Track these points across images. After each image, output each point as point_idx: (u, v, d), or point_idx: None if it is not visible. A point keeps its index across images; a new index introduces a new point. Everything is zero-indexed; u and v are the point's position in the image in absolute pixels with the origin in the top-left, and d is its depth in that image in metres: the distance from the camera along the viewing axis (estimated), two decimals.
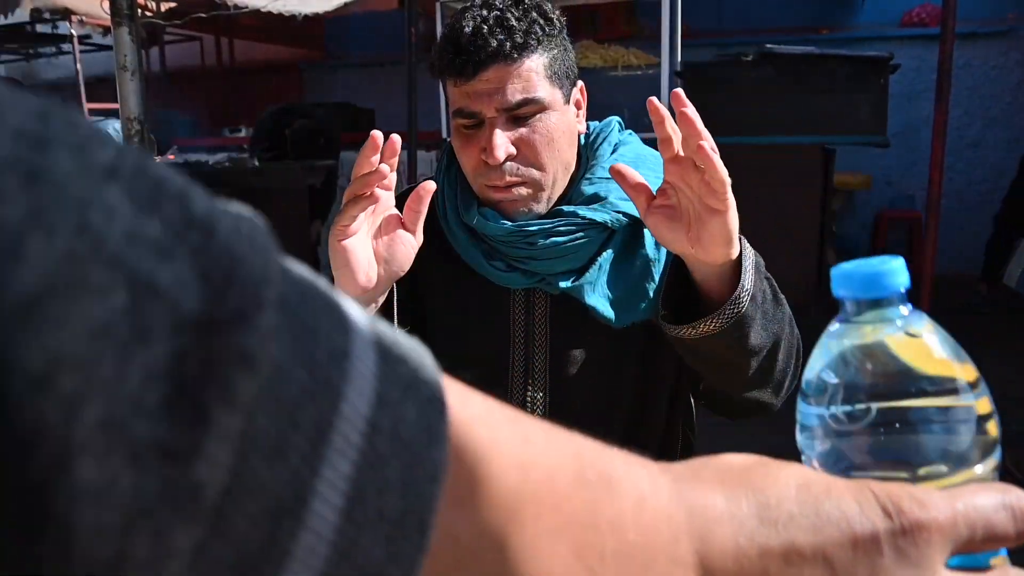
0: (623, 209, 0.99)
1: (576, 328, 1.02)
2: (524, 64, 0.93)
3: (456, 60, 0.93)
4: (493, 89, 0.93)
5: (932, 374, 0.39)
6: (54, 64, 8.25)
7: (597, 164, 1.04)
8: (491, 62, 0.92)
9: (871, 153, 5.59)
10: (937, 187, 3.08)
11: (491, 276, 1.02)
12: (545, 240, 0.98)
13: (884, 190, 5.86)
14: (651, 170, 1.03)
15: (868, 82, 3.37)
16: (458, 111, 0.96)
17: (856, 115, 3.41)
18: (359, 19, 6.98)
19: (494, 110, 0.94)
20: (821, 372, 0.42)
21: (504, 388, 1.04)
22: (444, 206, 1.06)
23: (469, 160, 0.99)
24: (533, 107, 0.95)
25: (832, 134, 3.46)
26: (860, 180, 5.54)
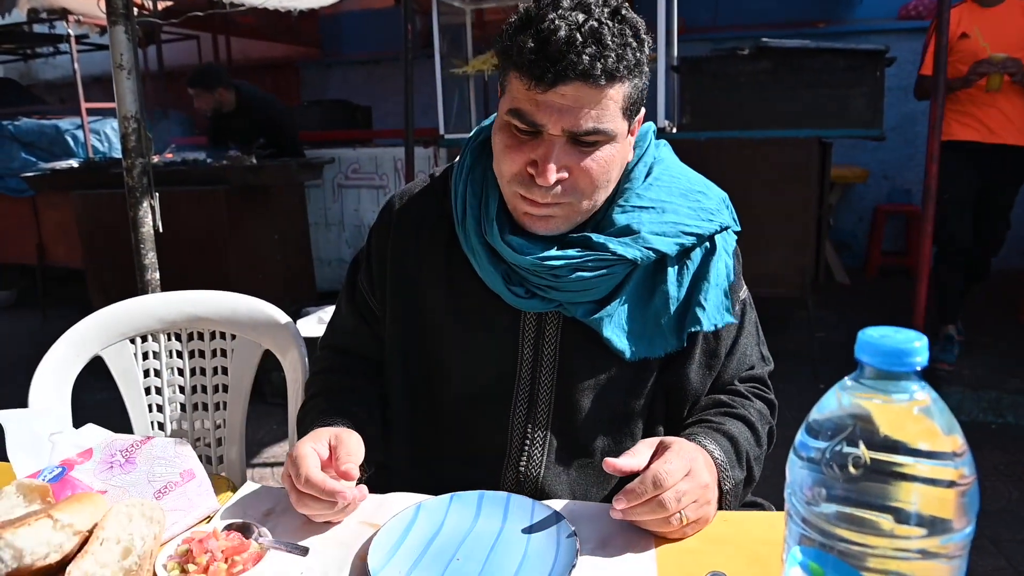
0: (654, 245, 0.95)
1: (587, 355, 1.00)
2: (608, 91, 0.86)
3: (538, 62, 0.83)
4: (567, 107, 0.85)
5: (924, 441, 0.43)
6: (52, 64, 8.25)
7: (631, 190, 0.99)
8: (576, 79, 0.83)
9: (868, 147, 5.61)
10: (933, 180, 3.08)
11: (509, 300, 0.98)
12: (570, 274, 0.94)
13: (881, 184, 5.86)
14: (684, 196, 1.00)
15: (864, 75, 3.37)
16: (518, 112, 0.88)
17: (852, 108, 3.42)
18: (355, 16, 6.98)
19: (560, 129, 0.87)
20: (831, 415, 0.45)
21: (508, 406, 1.02)
22: (465, 213, 0.99)
23: (512, 166, 0.91)
24: (600, 137, 0.88)
25: (828, 127, 3.46)
26: (857, 174, 5.54)
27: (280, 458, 2.93)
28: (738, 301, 1.05)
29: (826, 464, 0.44)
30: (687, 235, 0.97)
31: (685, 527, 0.84)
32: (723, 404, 1.02)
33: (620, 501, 0.82)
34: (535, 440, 1.01)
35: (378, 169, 5.00)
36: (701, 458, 0.88)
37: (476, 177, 1.01)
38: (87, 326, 1.36)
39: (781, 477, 1.20)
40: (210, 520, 0.90)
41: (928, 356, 0.43)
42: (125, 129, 2.12)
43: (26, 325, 5.16)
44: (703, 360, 1.03)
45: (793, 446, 0.48)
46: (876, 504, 0.43)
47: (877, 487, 0.42)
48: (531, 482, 1.01)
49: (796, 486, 0.47)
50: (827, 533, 0.45)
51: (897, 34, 5.56)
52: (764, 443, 1.02)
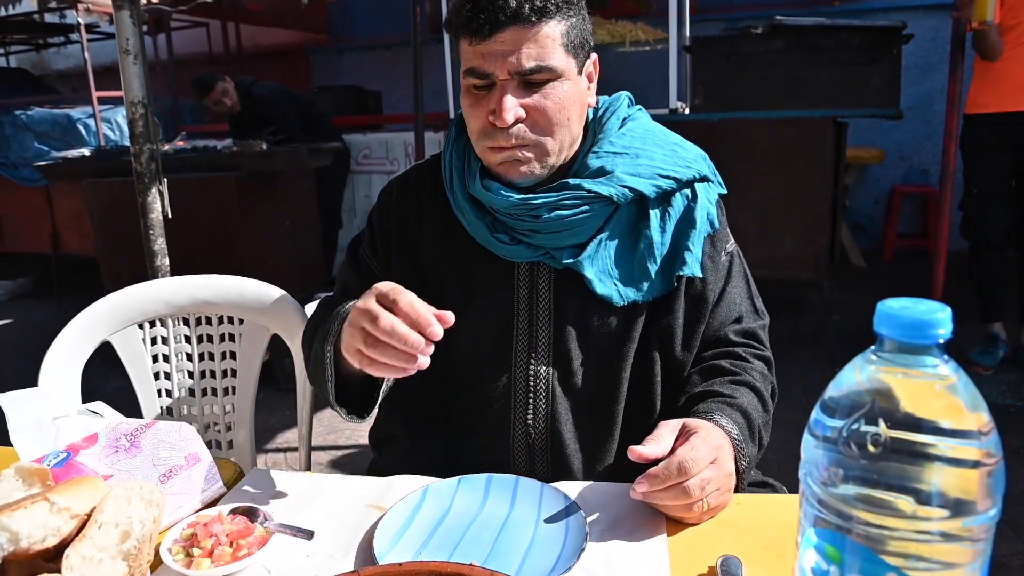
0: (629, 184, 0.99)
1: (579, 304, 1.02)
2: (542, 29, 0.92)
3: (473, 18, 0.92)
4: (508, 51, 0.92)
5: (948, 419, 0.41)
6: (64, 54, 8.28)
7: (604, 138, 1.04)
8: (509, 23, 0.91)
9: (884, 127, 5.51)
10: (951, 159, 3.02)
11: (495, 248, 1.02)
12: (549, 213, 0.97)
13: (897, 164, 5.77)
14: (659, 147, 1.04)
15: (881, 53, 3.30)
16: (470, 70, 0.95)
17: (869, 87, 3.35)
18: (364, 1, 6.94)
19: (507, 72, 0.93)
20: (849, 392, 0.43)
21: (508, 362, 1.04)
22: (451, 177, 1.05)
23: (477, 121, 0.98)
24: (546, 74, 0.94)
25: (844, 107, 3.40)
26: (873, 155, 5.45)
27: (293, 443, 2.95)
28: (724, 251, 1.07)
29: (843, 443, 0.42)
30: (664, 178, 1.01)
31: (703, 513, 0.83)
32: (726, 371, 1.02)
33: (642, 484, 0.81)
34: (539, 392, 1.03)
35: (389, 154, 4.98)
36: (727, 445, 0.88)
37: (460, 145, 1.07)
38: (95, 312, 1.36)
39: (790, 457, 1.18)
40: (215, 504, 0.90)
41: (951, 330, 0.40)
42: (132, 115, 2.11)
43: (41, 313, 5.20)
44: (691, 305, 1.04)
45: (808, 424, 0.46)
46: (896, 484, 0.41)
47: (897, 467, 0.40)
48: (540, 435, 1.03)
49: (812, 466, 0.45)
50: (844, 515, 0.43)
51: (914, 11, 5.45)
52: (769, 406, 1.03)
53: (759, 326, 1.11)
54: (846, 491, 0.43)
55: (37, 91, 6.53)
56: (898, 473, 0.40)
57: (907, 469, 0.40)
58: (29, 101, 5.59)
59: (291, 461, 2.81)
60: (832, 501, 0.43)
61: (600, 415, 1.04)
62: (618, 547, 0.79)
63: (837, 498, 0.43)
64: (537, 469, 1.03)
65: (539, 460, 1.03)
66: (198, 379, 1.43)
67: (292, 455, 2.85)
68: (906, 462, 0.40)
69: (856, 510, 0.42)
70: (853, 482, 0.42)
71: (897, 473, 0.40)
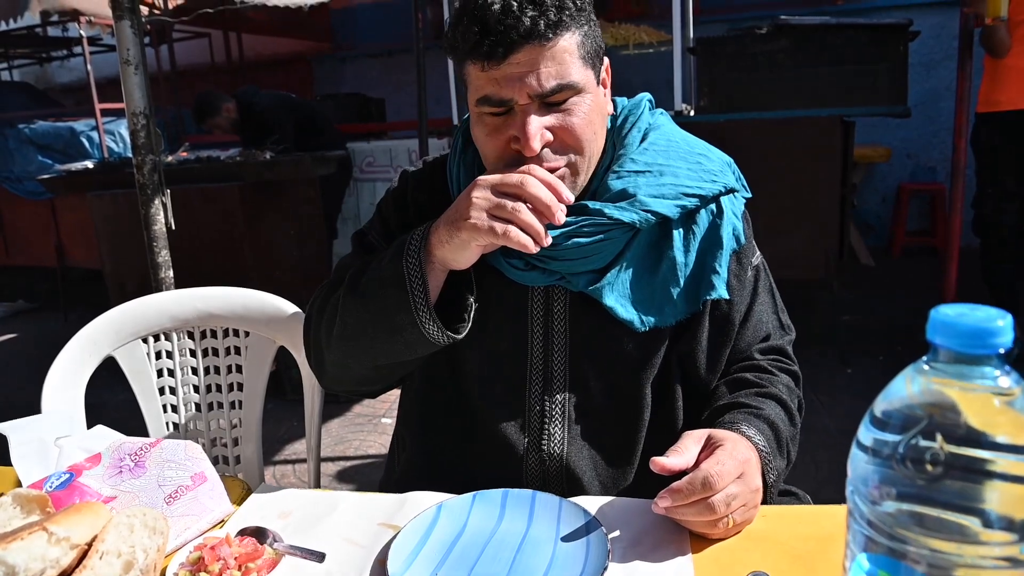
0: (653, 208, 0.93)
1: (597, 328, 0.97)
2: (558, 44, 0.85)
3: (482, 41, 0.84)
4: (525, 72, 0.85)
5: (1010, 434, 0.38)
6: (67, 67, 8.30)
7: (626, 155, 0.97)
8: (523, 42, 0.83)
9: (890, 125, 5.47)
10: (962, 155, 2.99)
11: (508, 273, 0.97)
12: (566, 241, 0.92)
13: (904, 162, 5.73)
14: (683, 159, 0.98)
15: (887, 51, 3.27)
16: (484, 99, 0.88)
17: (875, 85, 3.31)
18: (366, 9, 6.94)
19: (527, 96, 0.86)
20: (901, 405, 0.40)
21: (523, 387, 1.00)
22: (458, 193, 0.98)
23: (494, 150, 0.91)
24: (568, 92, 0.87)
25: (851, 106, 3.36)
26: (880, 153, 5.42)
27: (301, 455, 2.92)
28: (750, 266, 1.02)
29: (897, 460, 0.39)
30: (688, 196, 0.95)
31: (729, 529, 0.79)
32: (752, 384, 0.98)
33: (664, 499, 0.78)
34: (553, 418, 0.99)
35: (393, 161, 4.96)
36: (754, 459, 0.84)
37: (468, 159, 1.01)
38: (99, 326, 1.34)
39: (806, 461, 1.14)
40: (223, 525, 0.87)
41: (1012, 339, 0.37)
42: (134, 126, 2.09)
43: (47, 327, 5.19)
44: (716, 327, 1.00)
45: (856, 438, 0.43)
46: (955, 505, 0.37)
47: (957, 486, 0.37)
48: (555, 461, 0.98)
49: (860, 483, 0.42)
50: (898, 537, 0.39)
51: (918, 8, 5.42)
52: (797, 420, 0.99)
53: (786, 342, 1.06)
54: (900, 511, 0.39)
55: (41, 105, 6.54)
56: (957, 492, 0.37)
57: (967, 488, 0.37)
58: (32, 114, 5.59)
59: (299, 473, 2.78)
60: (885, 522, 0.40)
61: (618, 443, 0.99)
62: (641, 566, 0.76)
63: (890, 519, 0.40)
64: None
65: (553, 487, 0.99)
66: (204, 393, 1.41)
67: (300, 467, 2.83)
68: (966, 480, 0.37)
69: (912, 533, 0.39)
70: (908, 501, 0.39)
71: (956, 492, 0.37)
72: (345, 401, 3.38)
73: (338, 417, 3.24)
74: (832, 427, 2.77)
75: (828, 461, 2.49)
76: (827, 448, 2.60)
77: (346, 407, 3.34)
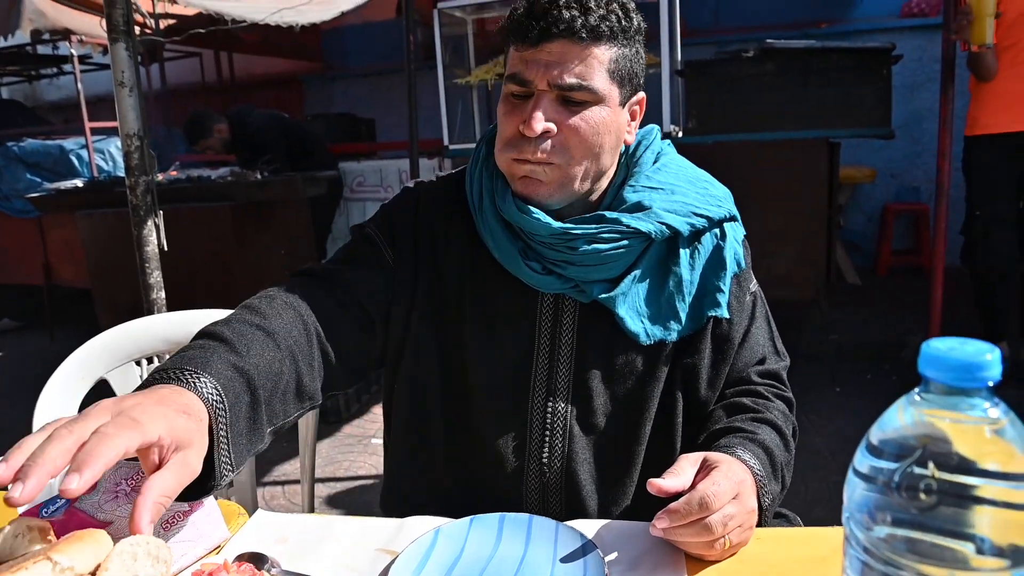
0: (667, 221, 0.97)
1: (603, 340, 0.99)
2: (591, 50, 0.90)
3: (525, 23, 0.90)
4: (552, 62, 0.90)
5: (1001, 463, 0.40)
6: (56, 85, 8.29)
7: (640, 172, 1.01)
8: (559, 35, 0.89)
9: (875, 146, 5.56)
10: (945, 177, 3.04)
11: (524, 276, 0.98)
12: (587, 245, 0.94)
13: (889, 183, 5.81)
14: (691, 183, 1.03)
15: (871, 74, 3.34)
16: (512, 76, 0.93)
17: (860, 107, 3.38)
18: (357, 29, 6.99)
19: (546, 83, 0.91)
20: (895, 435, 0.41)
21: (526, 397, 1.01)
22: (480, 196, 1.01)
23: (507, 129, 0.95)
24: (586, 94, 0.91)
25: (836, 128, 3.42)
26: (865, 174, 5.50)
27: (291, 476, 2.90)
28: (748, 292, 1.06)
29: (892, 488, 0.40)
30: (697, 216, 0.99)
31: (725, 551, 0.80)
32: (748, 409, 1.00)
33: (662, 520, 0.79)
34: (555, 429, 1.00)
35: (383, 181, 4.99)
36: (749, 480, 0.85)
37: (490, 165, 1.03)
38: (92, 349, 1.33)
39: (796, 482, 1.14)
40: (220, 551, 0.87)
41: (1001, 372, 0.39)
42: (128, 147, 2.10)
43: (34, 346, 5.15)
44: (716, 345, 1.02)
45: (852, 466, 0.44)
46: (949, 531, 0.39)
47: (949, 512, 0.39)
48: (555, 474, 1.00)
49: (856, 509, 0.43)
50: (893, 563, 0.41)
51: (900, 31, 5.53)
52: (791, 446, 1.01)
53: (781, 367, 1.09)
54: (895, 537, 0.41)
55: (30, 122, 6.53)
56: (951, 519, 0.39)
57: (960, 515, 0.39)
58: (22, 132, 5.58)
59: (289, 494, 2.76)
60: (880, 548, 0.41)
61: (619, 456, 1.01)
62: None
63: (883, 544, 0.41)
64: (550, 508, 1.00)
65: (553, 499, 1.01)
66: None
67: (290, 488, 2.81)
68: (958, 507, 0.39)
69: (907, 559, 0.40)
70: (902, 528, 0.40)
71: (950, 519, 0.39)
72: (335, 422, 3.36)
73: (328, 438, 3.22)
74: (821, 446, 2.78)
75: (817, 481, 2.50)
76: (816, 468, 2.61)
77: (336, 428, 3.33)
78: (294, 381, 0.92)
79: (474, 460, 1.03)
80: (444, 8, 4.06)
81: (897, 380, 3.24)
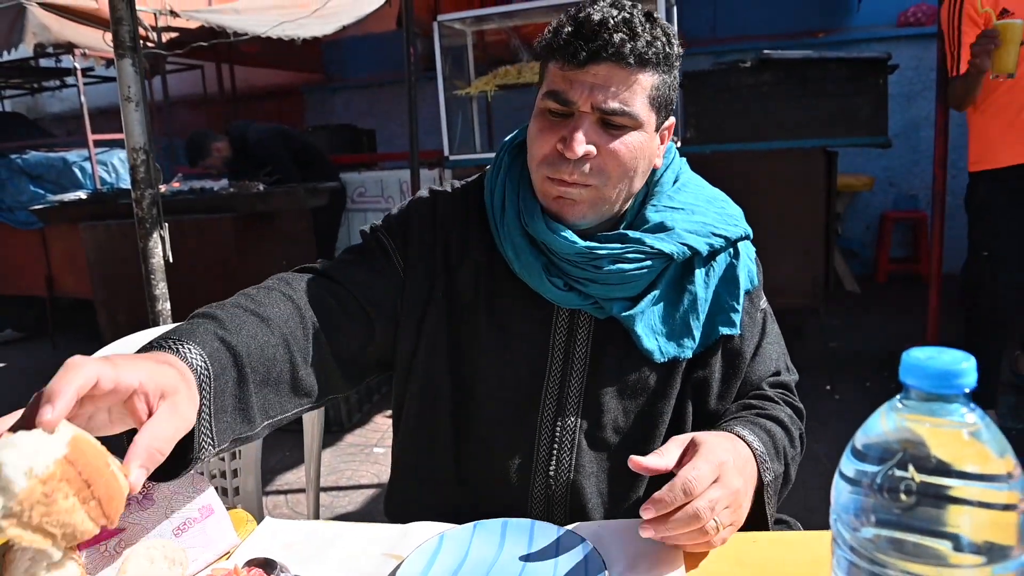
0: (688, 241, 0.98)
1: (617, 356, 1.00)
2: (636, 75, 0.91)
3: (572, 43, 0.90)
4: (598, 85, 0.90)
5: (977, 464, 0.42)
6: (59, 97, 8.35)
7: (662, 192, 1.02)
8: (607, 58, 0.89)
9: (872, 155, 5.60)
10: (942, 184, 3.07)
11: (545, 292, 0.99)
12: (611, 265, 0.95)
13: (887, 191, 5.85)
14: (709, 203, 1.04)
15: (867, 83, 3.38)
16: (552, 93, 0.92)
17: (857, 117, 3.41)
18: (358, 41, 7.04)
19: (590, 106, 0.91)
20: (878, 440, 0.44)
21: (536, 409, 1.01)
22: (504, 208, 1.01)
23: (542, 147, 0.94)
24: (626, 120, 0.91)
25: (833, 137, 3.46)
26: (863, 182, 5.53)
27: (294, 485, 2.92)
28: (759, 308, 1.07)
29: (875, 489, 0.43)
30: (716, 236, 1.01)
31: (722, 535, 0.81)
32: (754, 407, 1.02)
33: (648, 510, 0.78)
34: (564, 443, 1.01)
35: (384, 192, 5.02)
36: (731, 459, 0.84)
37: (514, 174, 1.03)
38: None
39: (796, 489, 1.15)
40: (230, 557, 0.89)
41: (976, 379, 0.41)
42: (134, 161, 2.13)
43: (36, 356, 5.17)
44: (728, 360, 1.04)
45: (838, 470, 0.47)
46: (929, 530, 0.41)
47: (930, 512, 0.41)
48: (561, 487, 1.00)
49: (842, 511, 0.46)
50: (878, 561, 0.43)
51: (897, 41, 5.58)
52: (796, 443, 1.02)
53: (791, 380, 1.11)
54: (879, 537, 0.43)
55: (32, 135, 6.57)
56: (931, 519, 0.41)
57: (940, 515, 0.41)
58: (25, 145, 5.62)
59: (292, 503, 2.78)
60: (864, 547, 0.44)
61: (626, 471, 1.01)
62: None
63: (870, 544, 0.44)
64: (555, 520, 1.01)
65: (557, 511, 1.01)
66: None
67: (293, 497, 2.82)
68: (938, 507, 0.41)
69: (891, 557, 0.42)
70: (886, 528, 0.43)
71: (930, 519, 0.41)
72: (337, 431, 3.38)
73: (330, 447, 3.24)
74: (820, 453, 2.80)
75: (818, 488, 2.52)
76: (817, 475, 2.62)
77: (338, 436, 3.35)
78: (288, 371, 0.92)
79: (480, 470, 1.03)
80: (444, 20, 4.10)
81: (896, 387, 3.25)
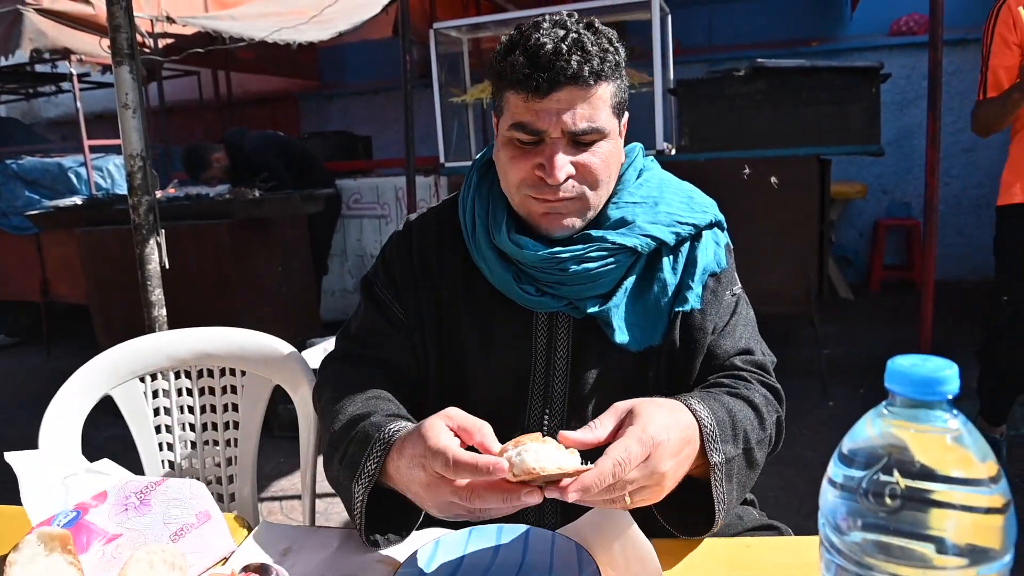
0: (650, 232, 1.01)
1: (598, 352, 1.03)
2: (596, 91, 0.94)
3: (532, 76, 0.92)
4: (562, 110, 0.93)
5: (959, 469, 0.44)
6: (54, 103, 8.33)
7: (623, 189, 1.06)
8: (567, 84, 0.92)
9: (865, 162, 5.64)
10: (933, 193, 3.09)
11: (519, 299, 1.02)
12: (577, 266, 0.98)
13: (880, 198, 5.88)
14: (675, 194, 1.07)
15: (860, 92, 3.40)
16: (519, 125, 0.95)
17: (849, 125, 3.44)
18: (354, 48, 7.06)
19: (560, 131, 0.94)
20: (864, 445, 0.45)
21: (523, 412, 1.04)
22: (474, 224, 1.05)
23: (518, 173, 0.98)
24: (596, 135, 0.95)
25: (826, 145, 3.48)
26: (856, 189, 5.57)
27: (289, 491, 2.91)
28: (729, 291, 1.08)
29: (861, 494, 0.44)
30: (682, 224, 1.04)
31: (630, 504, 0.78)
32: (724, 385, 0.99)
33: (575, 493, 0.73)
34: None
35: (380, 199, 5.03)
36: (666, 439, 0.79)
37: (483, 192, 1.07)
38: (97, 366, 1.36)
39: (788, 494, 1.15)
40: (226, 562, 0.90)
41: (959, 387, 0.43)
42: (131, 167, 2.13)
43: (30, 362, 5.15)
44: (687, 335, 1.04)
45: (826, 475, 0.48)
46: (914, 533, 0.42)
47: (915, 516, 0.42)
48: None
49: (830, 515, 0.47)
50: (865, 564, 0.44)
51: (889, 50, 5.62)
52: (769, 429, 0.97)
53: (768, 360, 1.09)
54: (865, 541, 0.44)
55: (28, 140, 6.56)
56: (916, 522, 0.42)
57: (924, 518, 0.42)
58: (20, 150, 5.61)
59: (287, 509, 2.78)
60: (851, 551, 0.45)
61: None
62: None
63: (856, 547, 0.45)
64: (546, 518, 1.03)
65: (548, 511, 1.03)
66: (200, 432, 1.43)
67: (288, 503, 2.82)
68: (922, 511, 0.42)
69: (877, 560, 0.43)
70: (872, 531, 0.44)
71: (915, 522, 0.42)
72: None
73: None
74: (814, 459, 2.81)
75: (811, 495, 2.53)
76: (810, 482, 2.63)
77: None
78: None
79: None
80: (440, 28, 4.12)
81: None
